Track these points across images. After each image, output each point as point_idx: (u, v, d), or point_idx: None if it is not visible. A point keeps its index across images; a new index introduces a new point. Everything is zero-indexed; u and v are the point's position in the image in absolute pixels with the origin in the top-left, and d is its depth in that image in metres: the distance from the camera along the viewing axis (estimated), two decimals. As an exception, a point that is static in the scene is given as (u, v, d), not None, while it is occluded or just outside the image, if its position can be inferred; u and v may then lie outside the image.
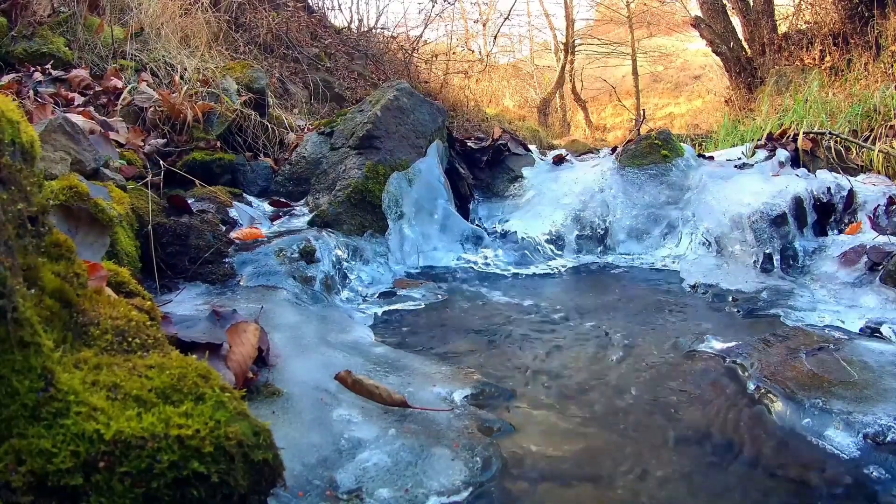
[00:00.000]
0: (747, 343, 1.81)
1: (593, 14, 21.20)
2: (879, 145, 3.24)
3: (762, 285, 2.46)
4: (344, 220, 2.66)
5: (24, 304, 0.71)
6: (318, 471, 1.12)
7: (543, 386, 1.61)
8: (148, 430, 0.71)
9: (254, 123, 3.40)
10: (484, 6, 17.54)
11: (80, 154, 2.01)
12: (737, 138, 5.11)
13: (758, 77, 8.42)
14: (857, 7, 6.53)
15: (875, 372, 1.56)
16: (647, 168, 3.22)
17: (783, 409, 1.44)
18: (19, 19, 3.27)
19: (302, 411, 1.28)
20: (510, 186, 3.48)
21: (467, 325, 2.08)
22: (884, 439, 1.27)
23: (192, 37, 4.12)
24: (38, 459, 0.66)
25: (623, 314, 2.20)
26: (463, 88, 9.21)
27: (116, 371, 0.80)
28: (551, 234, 3.11)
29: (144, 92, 3.12)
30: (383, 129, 2.93)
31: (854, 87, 5.30)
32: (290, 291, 2.02)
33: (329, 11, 8.48)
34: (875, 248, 2.46)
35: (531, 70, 18.91)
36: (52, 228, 0.93)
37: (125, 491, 0.68)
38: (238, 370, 1.29)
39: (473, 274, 2.77)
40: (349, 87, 6.56)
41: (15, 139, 0.83)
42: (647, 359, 1.78)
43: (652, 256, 3.00)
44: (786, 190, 2.83)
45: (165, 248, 2.04)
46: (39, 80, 3.00)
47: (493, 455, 1.22)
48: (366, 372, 1.49)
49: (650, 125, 11.50)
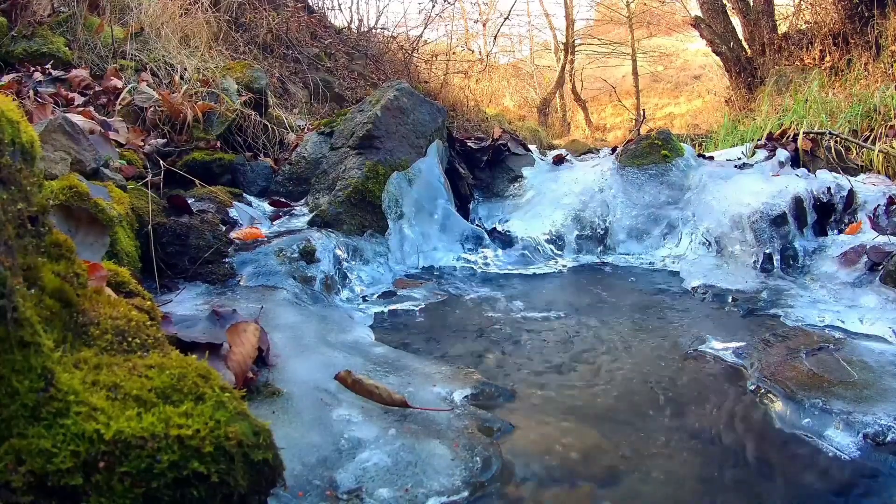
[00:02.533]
0: (747, 343, 1.81)
1: (593, 14, 21.22)
2: (879, 145, 3.24)
3: (762, 285, 2.46)
4: (344, 220, 2.66)
5: (24, 304, 0.71)
6: (318, 471, 1.12)
7: (543, 386, 1.61)
8: (148, 430, 0.72)
9: (254, 123, 3.40)
10: (484, 6, 17.54)
11: (80, 154, 2.01)
12: (737, 138, 5.10)
13: (758, 77, 8.42)
14: (857, 7, 6.53)
15: (875, 372, 1.56)
16: (647, 168, 3.22)
17: (783, 409, 1.44)
18: (19, 19, 3.27)
19: (302, 411, 1.28)
20: (510, 186, 3.48)
21: (467, 325, 2.08)
22: (884, 439, 1.27)
23: (192, 37, 4.12)
24: (38, 459, 0.66)
25: (623, 314, 2.20)
26: (463, 88, 9.20)
27: (116, 371, 0.80)
28: (551, 234, 3.10)
29: (144, 92, 3.12)
30: (383, 128, 2.93)
31: (854, 87, 5.30)
32: (290, 291, 2.02)
33: (329, 11, 8.46)
34: (875, 248, 2.46)
35: (531, 70, 18.90)
36: (52, 228, 0.93)
37: (125, 491, 0.68)
38: (238, 370, 1.29)
39: (473, 274, 2.77)
40: (349, 87, 6.56)
41: (15, 139, 0.83)
42: (647, 359, 1.78)
43: (652, 256, 3.00)
44: (786, 190, 2.83)
45: (165, 248, 2.04)
46: (39, 80, 3.00)
47: (493, 455, 1.22)
48: (366, 372, 1.49)
49: (650, 125, 11.50)
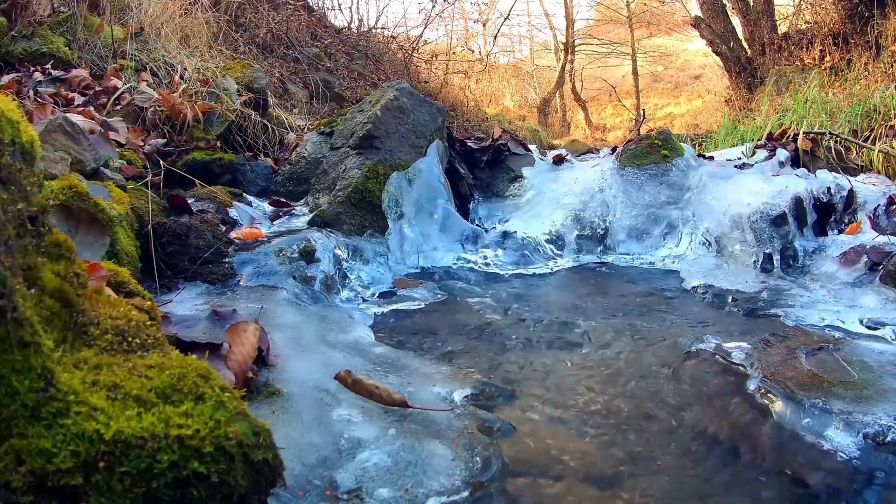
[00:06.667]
0: (747, 343, 1.81)
1: (593, 14, 21.23)
2: (879, 145, 3.24)
3: (762, 285, 2.46)
4: (344, 220, 2.66)
5: (24, 304, 0.71)
6: (318, 471, 1.12)
7: (543, 386, 1.61)
8: (148, 430, 0.72)
9: (254, 123, 3.40)
10: (484, 6, 17.54)
11: (80, 154, 2.01)
12: (737, 138, 5.10)
13: (758, 77, 8.42)
14: (857, 7, 6.53)
15: (875, 372, 1.56)
16: (647, 168, 3.22)
17: (783, 409, 1.44)
18: (19, 19, 3.27)
19: (302, 411, 1.28)
20: (510, 186, 3.48)
21: (467, 325, 2.08)
22: (884, 439, 1.27)
23: (192, 37, 4.12)
24: (38, 459, 0.66)
25: (623, 314, 2.20)
26: (463, 88, 9.20)
27: (116, 371, 0.80)
28: (551, 233, 3.10)
29: (144, 92, 3.12)
30: (383, 128, 2.93)
31: (854, 87, 5.30)
32: (290, 291, 2.02)
33: (329, 11, 8.47)
34: (875, 248, 2.46)
35: (531, 70, 18.90)
36: (52, 228, 0.93)
37: (125, 491, 0.68)
38: (238, 370, 1.29)
39: (473, 274, 2.77)
40: (349, 87, 6.56)
41: (15, 139, 0.83)
42: (647, 359, 1.78)
43: (652, 256, 3.00)
44: (786, 190, 2.83)
45: (165, 248, 2.04)
46: (39, 79, 3.00)
47: (493, 455, 1.22)
48: (366, 372, 1.49)
49: (650, 125, 11.49)
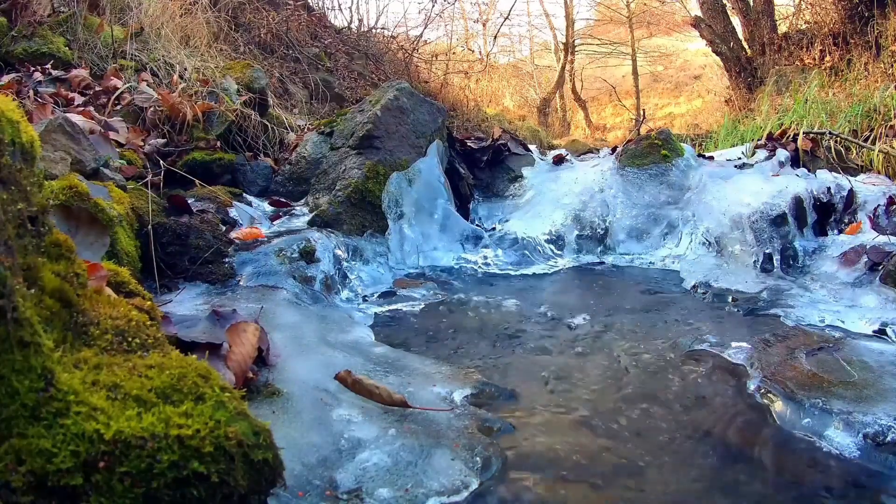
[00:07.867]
0: (747, 343, 1.81)
1: (593, 14, 21.21)
2: (879, 145, 3.24)
3: (762, 285, 2.46)
4: (344, 220, 2.66)
5: (24, 304, 0.71)
6: (318, 471, 1.12)
7: (543, 386, 1.61)
8: (148, 430, 0.72)
9: (254, 123, 3.40)
10: (484, 6, 17.53)
11: (80, 154, 2.01)
12: (737, 138, 5.10)
13: (758, 77, 8.42)
14: (857, 7, 6.53)
15: (875, 372, 1.56)
16: (647, 168, 3.22)
17: (783, 409, 1.44)
18: (19, 19, 3.27)
19: (302, 411, 1.28)
20: (510, 186, 3.48)
21: (467, 325, 2.08)
22: (884, 439, 1.27)
23: (192, 37, 4.12)
24: (38, 459, 0.66)
25: (623, 314, 2.20)
26: (463, 88, 9.20)
27: (116, 371, 0.80)
28: (551, 233, 3.10)
29: (144, 92, 3.12)
30: (383, 129, 2.93)
31: (854, 87, 5.30)
32: (290, 291, 2.02)
33: (329, 11, 8.47)
34: (875, 248, 2.46)
35: (531, 70, 18.90)
36: (52, 228, 0.93)
37: (125, 491, 0.68)
38: (238, 370, 1.29)
39: (473, 274, 2.77)
40: (349, 87, 6.56)
41: (15, 139, 0.83)
42: (647, 359, 1.78)
43: (652, 256, 3.00)
44: (786, 190, 2.83)
45: (165, 248, 2.04)
46: (39, 79, 3.00)
47: (493, 455, 1.22)
48: (366, 372, 1.49)
49: (650, 125, 11.48)
